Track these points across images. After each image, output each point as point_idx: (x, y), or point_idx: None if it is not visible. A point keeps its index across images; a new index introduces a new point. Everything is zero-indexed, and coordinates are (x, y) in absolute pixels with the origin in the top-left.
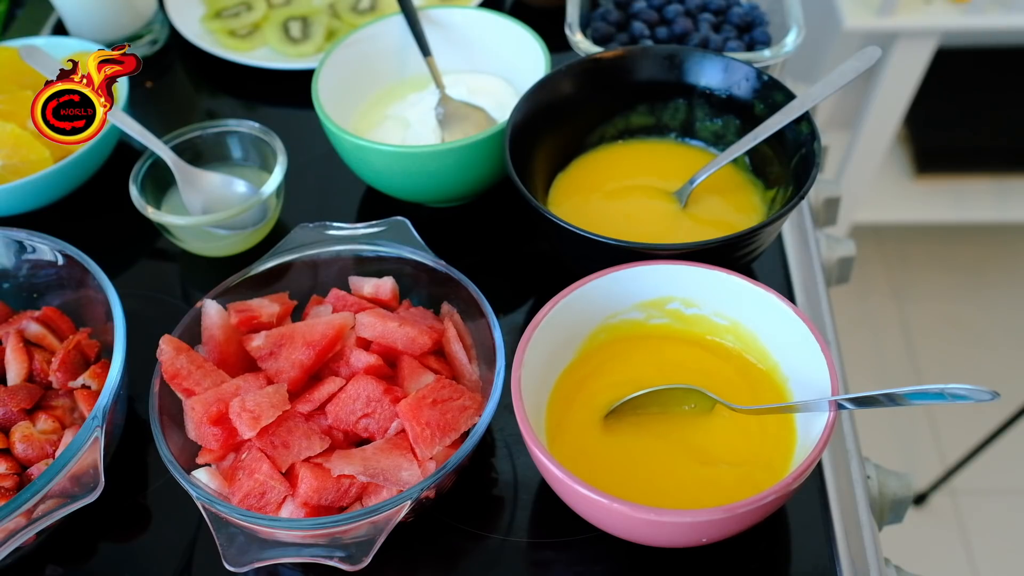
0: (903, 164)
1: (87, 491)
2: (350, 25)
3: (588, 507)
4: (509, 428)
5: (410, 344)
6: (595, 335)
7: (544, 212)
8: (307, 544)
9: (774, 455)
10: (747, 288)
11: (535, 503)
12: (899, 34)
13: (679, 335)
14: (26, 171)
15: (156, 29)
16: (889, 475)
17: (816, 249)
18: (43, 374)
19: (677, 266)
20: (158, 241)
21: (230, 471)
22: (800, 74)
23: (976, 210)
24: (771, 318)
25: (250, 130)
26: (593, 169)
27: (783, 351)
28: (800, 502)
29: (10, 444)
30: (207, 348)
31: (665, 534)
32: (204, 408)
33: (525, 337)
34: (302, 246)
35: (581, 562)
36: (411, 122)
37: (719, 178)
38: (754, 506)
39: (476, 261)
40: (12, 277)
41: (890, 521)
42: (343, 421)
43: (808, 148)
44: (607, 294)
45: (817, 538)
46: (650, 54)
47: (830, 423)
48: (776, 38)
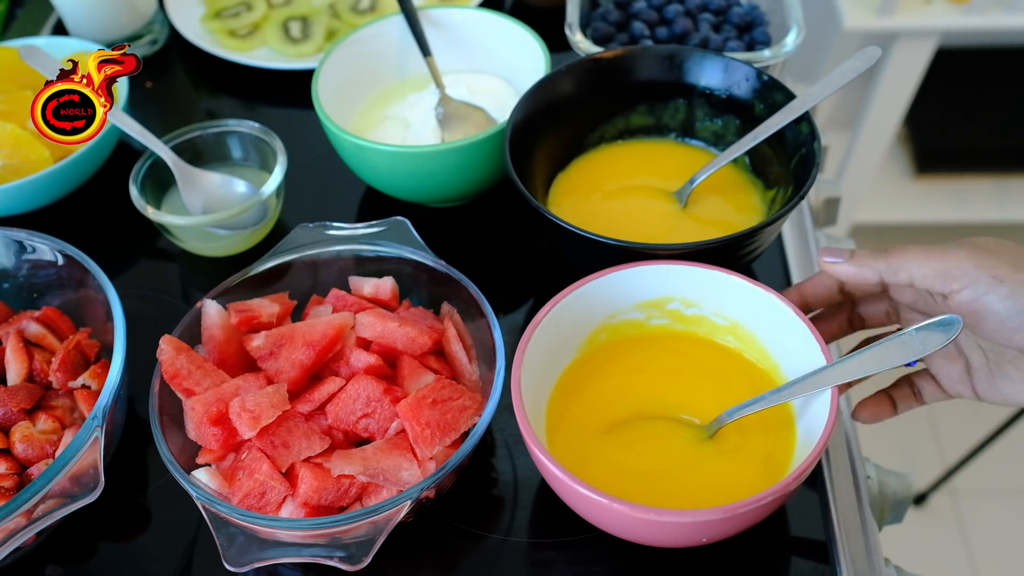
0: (903, 164)
1: (87, 491)
2: (350, 25)
3: (588, 507)
4: (509, 428)
5: (410, 344)
6: (595, 335)
7: (544, 212)
8: (307, 544)
9: (774, 455)
10: (747, 288)
11: (535, 503)
12: (899, 34)
13: (679, 335)
14: (26, 171)
15: (156, 29)
16: (889, 475)
17: (816, 249)
18: (43, 374)
19: (677, 266)
20: (158, 241)
21: (230, 471)
22: (800, 74)
23: (976, 210)
24: (771, 318)
25: (250, 130)
26: (593, 169)
27: (783, 351)
28: (800, 502)
29: (10, 444)
30: (207, 348)
31: (665, 534)
32: (204, 408)
33: (525, 337)
34: (302, 246)
35: (581, 562)
36: (411, 122)
37: (719, 178)
38: (754, 506)
39: (476, 261)
40: (12, 277)
41: (890, 521)
42: (343, 421)
43: (808, 148)
44: (607, 294)
45: (817, 538)
46: (650, 54)
47: (830, 423)
48: (776, 38)
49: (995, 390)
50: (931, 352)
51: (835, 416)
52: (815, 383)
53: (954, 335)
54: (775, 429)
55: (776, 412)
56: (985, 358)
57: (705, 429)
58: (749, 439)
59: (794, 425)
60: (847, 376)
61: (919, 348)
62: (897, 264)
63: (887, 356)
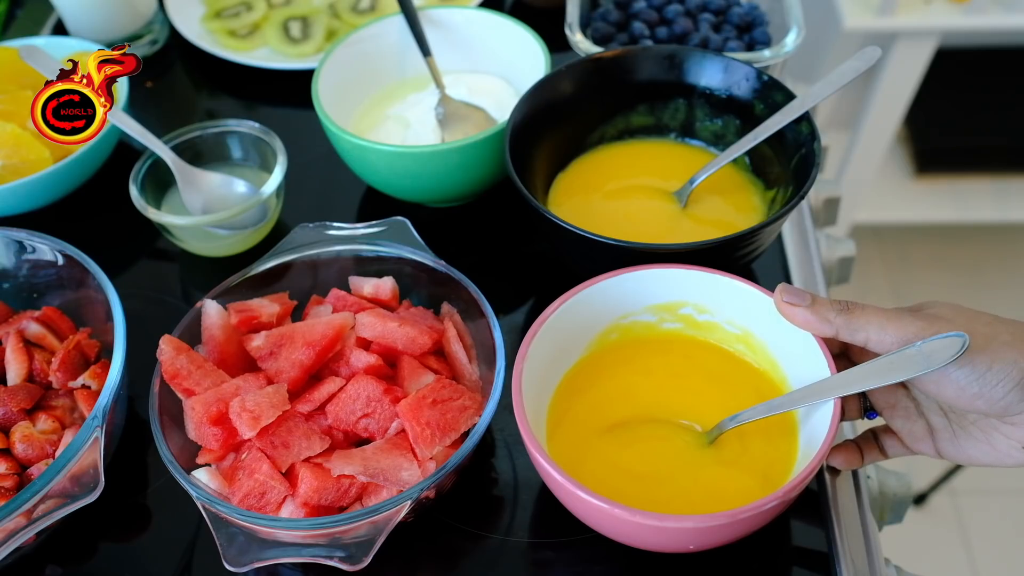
0: (903, 164)
1: (87, 491)
2: (350, 25)
3: (587, 511)
4: (509, 428)
5: (410, 344)
6: (606, 334)
7: (544, 212)
8: (307, 544)
9: (774, 464)
10: (759, 298)
11: (535, 503)
12: (899, 34)
13: (690, 340)
14: (26, 171)
15: (156, 29)
16: (889, 475)
17: (816, 249)
18: (43, 374)
19: (691, 271)
20: (158, 241)
21: (230, 471)
22: (800, 74)
23: (976, 210)
24: (782, 329)
25: (250, 130)
26: (593, 169)
27: (792, 362)
28: (800, 503)
29: (10, 444)
30: (207, 348)
31: (667, 539)
32: (204, 408)
33: (528, 337)
34: (302, 246)
35: (581, 562)
36: (411, 122)
37: (719, 178)
38: (756, 512)
39: (476, 261)
40: (12, 277)
41: (890, 521)
42: (343, 421)
43: (808, 148)
44: (619, 295)
45: (817, 538)
46: (650, 54)
47: (831, 432)
48: (776, 38)
49: (959, 450)
50: (935, 368)
51: (836, 427)
52: (817, 393)
53: (959, 352)
54: (776, 438)
55: (779, 421)
56: (947, 419)
57: (706, 435)
58: (750, 447)
59: (796, 435)
60: (850, 387)
61: (923, 363)
62: (856, 325)
63: (891, 370)
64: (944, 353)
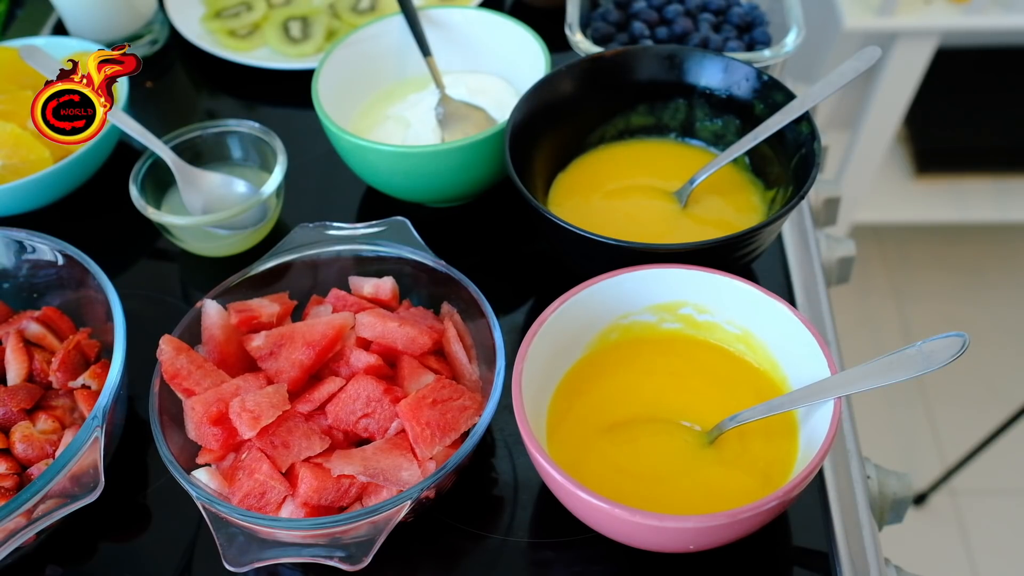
0: (903, 164)
1: (87, 491)
2: (350, 25)
3: (587, 511)
4: (509, 428)
5: (410, 344)
6: (606, 334)
7: (544, 212)
8: (307, 544)
9: (774, 464)
10: (759, 298)
11: (535, 503)
12: (899, 34)
13: (690, 340)
14: (26, 171)
15: (156, 29)
16: (889, 475)
17: (816, 249)
18: (43, 374)
19: (691, 271)
20: (158, 241)
21: (230, 471)
22: (800, 74)
23: (976, 210)
24: (782, 329)
25: (250, 130)
26: (593, 169)
27: (792, 362)
28: (800, 502)
29: (10, 444)
30: (207, 348)
31: (667, 539)
32: (204, 408)
33: (528, 337)
34: (302, 246)
35: (581, 562)
36: (411, 122)
37: (719, 178)
38: (756, 512)
39: (476, 261)
40: (12, 277)
41: (890, 521)
42: (343, 421)
43: (808, 148)
44: (619, 295)
45: (817, 538)
46: (650, 54)
47: (831, 432)
48: (776, 38)
49: None
50: (936, 368)
51: (836, 427)
52: (817, 393)
53: (959, 352)
54: (776, 438)
55: (779, 421)
56: None
57: (706, 435)
58: (750, 447)
59: (796, 434)
60: (850, 387)
61: (924, 363)
62: None
63: (891, 370)
64: (944, 353)
